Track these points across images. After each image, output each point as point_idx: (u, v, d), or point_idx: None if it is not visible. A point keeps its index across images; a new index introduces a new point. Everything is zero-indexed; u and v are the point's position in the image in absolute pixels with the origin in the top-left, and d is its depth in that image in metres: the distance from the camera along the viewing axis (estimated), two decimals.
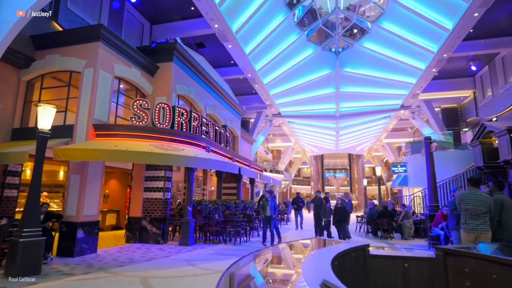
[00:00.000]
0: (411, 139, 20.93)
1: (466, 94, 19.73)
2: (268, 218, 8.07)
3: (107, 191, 14.47)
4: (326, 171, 43.14)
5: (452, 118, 20.99)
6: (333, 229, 10.21)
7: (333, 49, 17.47)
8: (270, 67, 16.96)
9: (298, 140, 32.85)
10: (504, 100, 15.47)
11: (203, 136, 9.33)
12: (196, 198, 12.83)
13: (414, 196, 14.47)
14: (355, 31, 16.31)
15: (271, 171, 31.17)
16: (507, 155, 9.06)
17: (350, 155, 38.57)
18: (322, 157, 39.49)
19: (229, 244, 8.92)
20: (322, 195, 11.40)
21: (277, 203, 10.45)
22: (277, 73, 17.65)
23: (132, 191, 9.56)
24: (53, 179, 13.61)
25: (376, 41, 15.59)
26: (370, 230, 11.60)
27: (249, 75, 16.71)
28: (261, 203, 8.80)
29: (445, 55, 14.08)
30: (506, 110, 15.07)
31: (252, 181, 15.76)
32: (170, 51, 10.02)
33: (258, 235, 10.99)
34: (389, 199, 17.92)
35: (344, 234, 8.80)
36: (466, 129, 20.70)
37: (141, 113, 7.93)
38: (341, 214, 9.38)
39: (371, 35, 15.42)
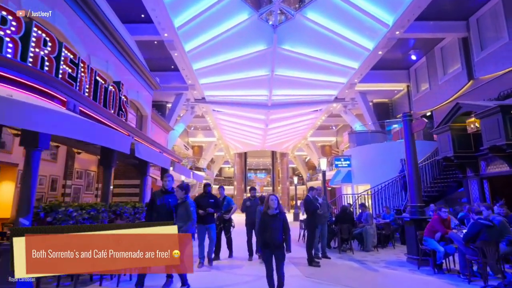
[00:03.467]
0: (357, 126, 19.17)
1: (400, 87, 19.13)
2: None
3: None
4: (248, 171, 40.78)
5: (383, 113, 20.35)
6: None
7: (270, 22, 14.54)
8: (194, 28, 13.05)
9: (223, 134, 29.38)
10: (444, 92, 14.73)
11: (64, 82, 4.95)
12: (68, 203, 8.22)
13: (359, 196, 12.34)
14: None
15: (191, 169, 26.97)
16: (497, 140, 7.15)
17: (273, 154, 36.81)
18: (245, 155, 36.83)
19: None
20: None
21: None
22: (202, 38, 13.81)
23: None
24: None
25: (322, 11, 13.14)
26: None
27: (166, 34, 12.52)
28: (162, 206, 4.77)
29: (397, 33, 12.42)
30: (446, 102, 14.28)
31: (164, 175, 11.59)
32: None
33: None
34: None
35: (279, 274, 4.03)
36: (396, 126, 20.21)
37: None
38: (278, 230, 4.05)
39: (317, 4, 12.91)
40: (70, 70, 5.17)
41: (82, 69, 5.67)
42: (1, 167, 7.72)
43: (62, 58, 4.93)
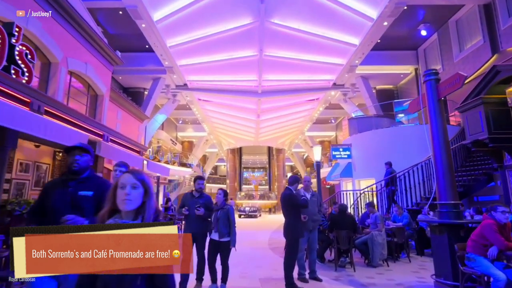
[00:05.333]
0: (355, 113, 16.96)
1: (407, 70, 16.93)
2: None
3: None
4: (244, 169, 38.68)
5: (388, 101, 18.12)
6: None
7: None
8: None
9: (213, 128, 27.17)
10: (461, 72, 12.48)
11: None
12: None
13: (362, 193, 10.11)
14: None
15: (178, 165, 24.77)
16: None
17: (269, 150, 34.63)
18: (240, 152, 34.68)
19: None
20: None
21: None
22: (174, 6, 11.58)
23: None
24: None
25: None
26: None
27: None
28: None
29: None
30: (465, 83, 12.04)
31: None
32: None
33: None
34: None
35: None
36: (402, 115, 18.03)
37: None
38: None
39: None
40: None
41: None
42: None
43: None
